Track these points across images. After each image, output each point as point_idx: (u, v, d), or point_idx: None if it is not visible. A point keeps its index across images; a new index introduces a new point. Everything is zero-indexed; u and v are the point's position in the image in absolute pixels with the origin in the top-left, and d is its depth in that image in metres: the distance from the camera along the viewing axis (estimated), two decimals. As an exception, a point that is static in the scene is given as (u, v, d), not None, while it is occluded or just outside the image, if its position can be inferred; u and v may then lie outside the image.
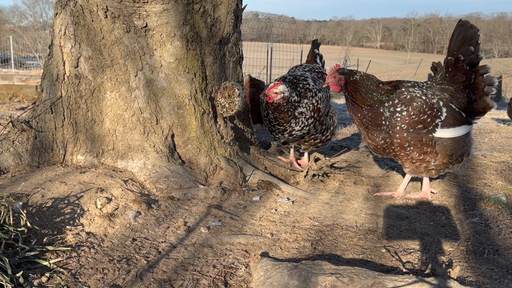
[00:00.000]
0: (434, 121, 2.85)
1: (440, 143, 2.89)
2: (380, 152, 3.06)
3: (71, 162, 3.15)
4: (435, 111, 2.85)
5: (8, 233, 2.01)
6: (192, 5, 3.11)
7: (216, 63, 3.35)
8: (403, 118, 2.85)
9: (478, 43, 2.85)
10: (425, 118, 2.84)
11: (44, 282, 1.82)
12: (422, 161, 2.94)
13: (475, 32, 2.83)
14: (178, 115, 3.17)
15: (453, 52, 2.88)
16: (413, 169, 3.02)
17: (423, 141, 2.88)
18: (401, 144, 2.90)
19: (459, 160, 2.97)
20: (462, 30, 2.85)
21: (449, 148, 2.90)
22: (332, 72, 3.03)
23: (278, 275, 1.81)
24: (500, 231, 2.53)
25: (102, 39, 3.04)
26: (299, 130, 3.44)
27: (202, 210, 2.66)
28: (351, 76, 2.96)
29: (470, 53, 2.83)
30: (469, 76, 2.87)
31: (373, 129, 2.95)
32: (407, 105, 2.85)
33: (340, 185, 3.43)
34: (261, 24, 17.25)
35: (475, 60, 2.85)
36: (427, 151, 2.89)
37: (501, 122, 7.52)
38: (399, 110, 2.86)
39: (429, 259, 2.15)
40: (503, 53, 67.09)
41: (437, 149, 2.89)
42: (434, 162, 2.93)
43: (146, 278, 1.89)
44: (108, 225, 2.36)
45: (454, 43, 2.88)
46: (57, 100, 3.21)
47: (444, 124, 2.86)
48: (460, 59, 2.86)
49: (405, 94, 2.89)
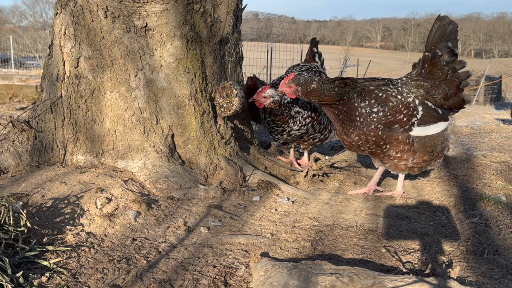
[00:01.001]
0: (411, 120, 2.84)
1: (418, 140, 2.89)
2: (355, 148, 3.03)
3: (71, 162, 3.15)
4: (411, 110, 2.84)
5: (8, 233, 2.01)
6: (192, 5, 3.11)
7: (216, 63, 3.35)
8: (379, 118, 2.82)
9: (457, 39, 2.85)
10: (401, 118, 2.83)
11: (44, 282, 1.82)
12: (400, 159, 2.94)
13: (455, 28, 2.83)
14: (178, 115, 3.17)
15: (431, 48, 2.88)
16: (391, 165, 3.02)
17: (399, 139, 2.87)
18: (377, 142, 2.89)
19: (440, 155, 2.97)
20: (441, 25, 2.85)
21: (429, 145, 2.90)
22: (287, 81, 2.91)
23: (278, 275, 1.80)
24: (500, 231, 2.53)
25: (102, 39, 3.04)
26: (297, 129, 3.45)
27: (202, 210, 2.66)
28: (308, 86, 2.85)
29: (447, 48, 2.83)
30: (446, 72, 2.87)
31: (348, 124, 2.91)
32: (384, 105, 2.82)
33: (340, 185, 3.43)
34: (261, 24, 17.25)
35: (452, 56, 2.85)
36: (404, 149, 2.89)
37: (501, 122, 7.52)
38: (376, 110, 2.83)
39: (429, 259, 2.15)
40: (503, 53, 67.10)
41: (415, 147, 2.89)
42: (413, 160, 2.93)
43: (146, 278, 1.89)
44: (108, 225, 2.36)
45: (432, 38, 2.88)
46: (57, 100, 3.21)
47: (421, 122, 2.86)
48: (437, 55, 2.85)
49: (380, 93, 2.86)
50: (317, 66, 3.91)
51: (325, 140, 3.82)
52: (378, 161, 3.12)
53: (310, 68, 3.82)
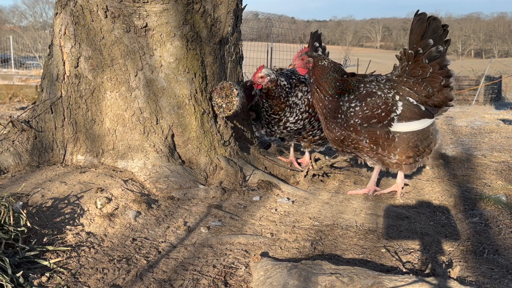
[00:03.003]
0: (389, 115, 2.85)
1: (399, 135, 2.88)
2: (338, 144, 3.04)
3: (71, 162, 3.15)
4: (389, 106, 2.85)
5: (8, 233, 2.01)
6: (192, 5, 3.11)
7: (216, 63, 3.35)
8: (356, 113, 2.86)
9: (442, 36, 2.82)
10: (379, 113, 2.84)
11: (44, 282, 1.82)
12: (382, 155, 2.94)
13: (437, 25, 2.80)
14: (178, 115, 3.17)
15: (413, 45, 2.87)
16: (378, 161, 3.02)
17: (377, 134, 2.87)
18: (357, 138, 2.91)
19: (427, 151, 2.96)
20: (421, 22, 2.83)
21: (412, 141, 2.89)
22: (300, 54, 3.02)
23: (278, 275, 1.81)
24: (500, 231, 2.53)
25: (102, 39, 3.04)
26: (293, 122, 3.42)
27: (202, 210, 2.66)
28: (320, 60, 2.95)
29: (429, 46, 2.81)
30: (427, 70, 2.86)
31: (330, 120, 2.94)
32: (361, 101, 2.86)
33: (340, 185, 3.43)
34: (261, 24, 17.25)
35: (435, 53, 2.83)
36: (384, 145, 2.89)
37: (501, 122, 7.52)
38: (353, 105, 2.87)
39: (429, 259, 2.15)
40: (503, 53, 67.08)
41: (397, 143, 2.89)
42: (395, 156, 2.93)
43: (146, 278, 1.89)
44: (108, 225, 2.36)
45: (413, 35, 2.87)
46: (57, 100, 3.21)
47: (401, 118, 2.86)
48: (419, 53, 2.84)
49: (361, 89, 2.90)
50: None
51: (328, 140, 3.78)
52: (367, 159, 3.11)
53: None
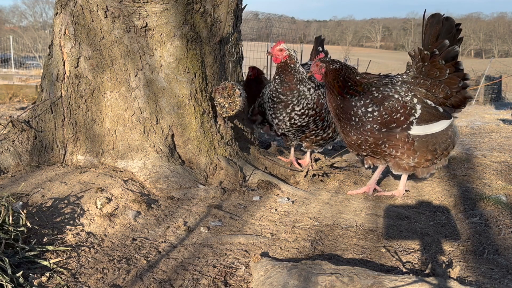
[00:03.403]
0: (408, 119, 2.83)
1: (419, 139, 2.87)
2: (355, 148, 3.03)
3: (71, 162, 3.15)
4: (408, 109, 2.83)
5: (8, 233, 2.01)
6: (192, 5, 3.11)
7: (216, 63, 3.35)
8: (375, 118, 2.84)
9: (455, 35, 2.80)
10: (398, 117, 2.83)
11: (44, 282, 1.82)
12: (400, 158, 2.93)
13: (451, 25, 2.78)
14: (178, 115, 3.17)
15: (428, 46, 2.85)
16: (394, 165, 3.01)
17: (397, 138, 2.86)
18: (375, 142, 2.90)
19: (445, 154, 2.95)
20: (435, 23, 2.80)
21: (430, 144, 2.88)
22: (315, 61, 3.08)
23: (278, 275, 1.80)
24: (500, 231, 2.53)
25: (102, 39, 3.04)
26: (299, 115, 3.39)
27: (202, 210, 2.66)
28: (331, 64, 2.97)
29: (445, 47, 2.79)
30: (444, 71, 2.84)
31: (344, 122, 2.93)
32: (379, 105, 2.83)
33: (340, 185, 3.43)
34: (261, 24, 17.25)
35: (452, 54, 2.81)
36: (404, 148, 2.88)
37: (501, 122, 7.53)
38: (371, 110, 2.85)
39: (429, 259, 2.15)
40: (503, 53, 67.08)
41: (416, 146, 2.88)
42: (414, 159, 2.92)
43: (146, 278, 1.89)
44: (108, 225, 2.36)
45: (427, 36, 2.84)
46: (57, 100, 3.21)
47: (420, 121, 2.84)
48: (435, 54, 2.82)
49: (376, 94, 2.88)
50: None
51: (330, 140, 3.76)
52: (379, 160, 3.10)
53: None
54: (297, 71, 3.34)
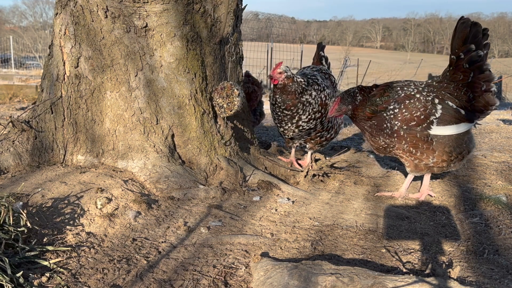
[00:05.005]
0: (429, 118, 2.87)
1: (437, 140, 2.90)
2: (382, 151, 3.11)
3: (71, 162, 3.15)
4: (428, 108, 2.87)
5: (8, 233, 2.01)
6: (192, 5, 3.11)
7: (216, 63, 3.35)
8: (395, 115, 2.90)
9: (481, 41, 2.81)
10: (418, 115, 2.87)
11: (44, 282, 1.82)
12: (420, 158, 2.96)
13: (478, 30, 2.81)
14: (178, 115, 3.17)
15: (455, 50, 2.88)
16: (413, 166, 3.03)
17: (417, 137, 2.90)
18: (399, 142, 2.94)
19: (459, 158, 2.97)
20: (463, 27, 2.84)
21: (447, 146, 2.91)
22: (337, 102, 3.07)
23: (278, 275, 1.80)
24: (500, 231, 2.53)
25: (102, 39, 3.04)
26: (306, 121, 3.42)
27: (202, 210, 2.66)
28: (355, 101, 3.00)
29: (471, 51, 2.81)
30: (467, 74, 2.86)
31: (377, 134, 3.02)
32: (400, 103, 2.91)
33: (340, 185, 3.43)
34: (261, 24, 17.26)
35: (475, 58, 2.83)
36: (423, 148, 2.91)
37: (502, 122, 7.52)
38: (392, 108, 2.91)
39: (429, 259, 2.15)
40: (503, 53, 67.07)
41: (434, 146, 2.91)
42: (432, 159, 2.95)
43: (146, 278, 1.89)
44: (108, 225, 2.36)
45: (455, 41, 2.87)
46: (57, 100, 3.21)
47: (440, 121, 2.87)
48: (460, 58, 2.86)
49: (399, 93, 2.94)
50: (326, 69, 3.97)
51: (331, 140, 3.81)
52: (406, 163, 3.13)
53: (320, 70, 3.87)
54: (297, 85, 3.34)
